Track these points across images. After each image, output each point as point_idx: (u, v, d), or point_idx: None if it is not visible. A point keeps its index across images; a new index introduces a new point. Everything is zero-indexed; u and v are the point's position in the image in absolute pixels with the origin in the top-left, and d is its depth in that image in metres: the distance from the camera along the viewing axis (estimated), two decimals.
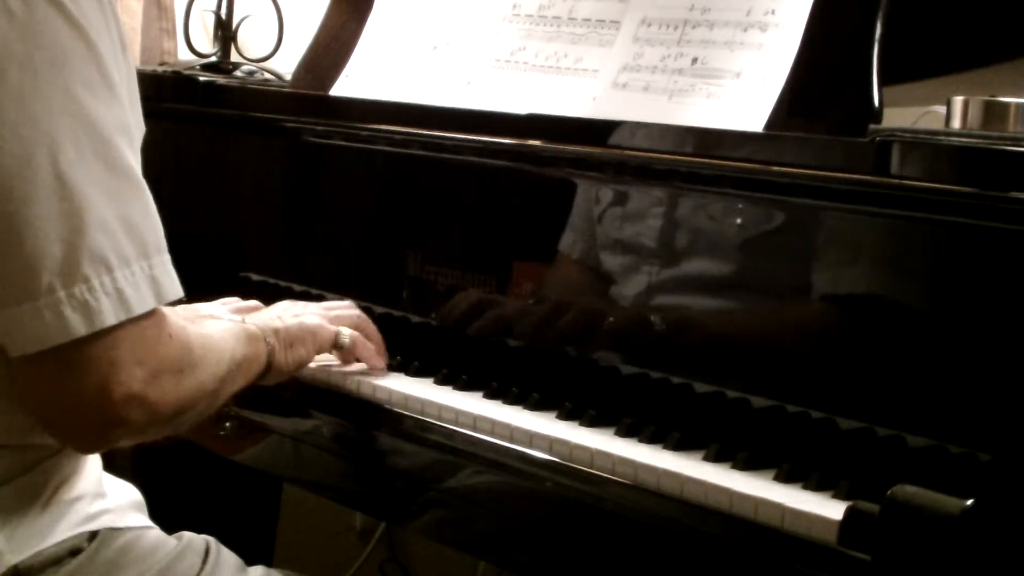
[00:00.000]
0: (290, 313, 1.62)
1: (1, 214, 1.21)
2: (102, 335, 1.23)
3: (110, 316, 1.23)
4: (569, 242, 1.61)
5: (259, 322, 1.54)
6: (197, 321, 1.48)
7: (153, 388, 1.27)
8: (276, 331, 1.54)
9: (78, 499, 1.39)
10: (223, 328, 1.47)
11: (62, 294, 1.22)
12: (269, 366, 1.52)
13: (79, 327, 1.22)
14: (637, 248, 1.53)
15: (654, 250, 1.51)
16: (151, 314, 1.27)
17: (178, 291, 1.30)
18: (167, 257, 1.30)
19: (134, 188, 1.27)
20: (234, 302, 1.69)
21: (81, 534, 1.38)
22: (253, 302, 1.70)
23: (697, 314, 1.48)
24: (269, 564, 1.62)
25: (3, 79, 1.21)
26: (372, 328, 1.68)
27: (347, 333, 1.64)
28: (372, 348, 1.66)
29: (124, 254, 1.25)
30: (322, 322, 1.62)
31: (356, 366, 1.68)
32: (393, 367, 1.68)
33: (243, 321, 1.52)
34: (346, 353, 1.65)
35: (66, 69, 1.23)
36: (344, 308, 1.68)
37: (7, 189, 1.21)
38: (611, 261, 1.56)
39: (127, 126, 1.28)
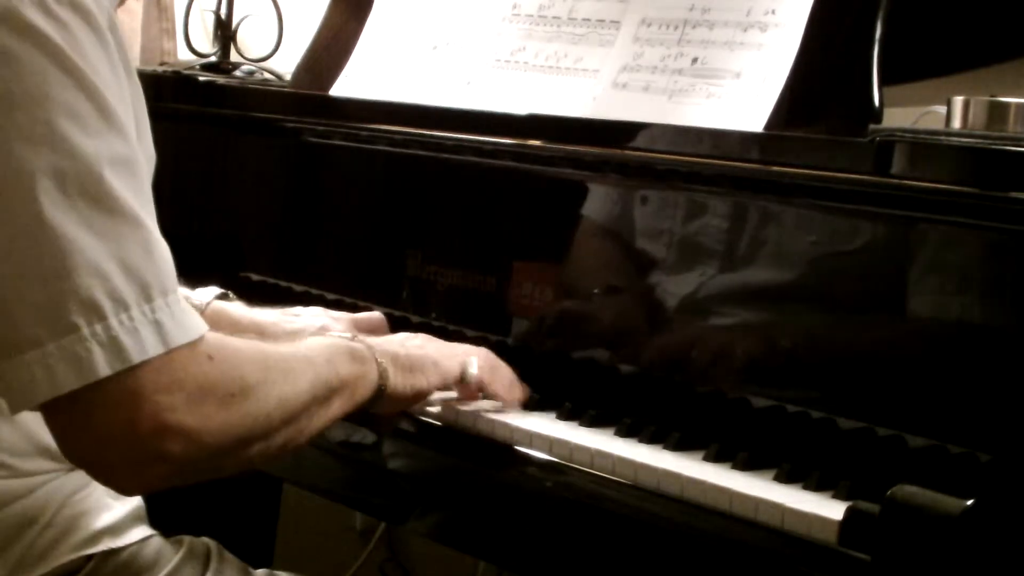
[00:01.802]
0: (413, 343, 1.50)
1: None
2: (126, 372, 1.14)
3: (103, 367, 1.13)
4: (569, 242, 1.61)
5: (374, 343, 1.41)
6: (287, 337, 1.38)
7: (192, 416, 1.16)
8: (393, 354, 1.42)
9: (80, 516, 1.37)
10: (318, 345, 1.35)
11: (51, 346, 1.12)
12: (381, 390, 1.39)
13: (69, 381, 1.12)
14: (637, 248, 1.53)
15: (654, 250, 1.51)
16: None
17: (188, 334, 1.17)
18: (175, 297, 1.18)
19: (131, 226, 1.16)
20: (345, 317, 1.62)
21: (79, 557, 1.36)
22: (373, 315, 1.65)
23: (696, 314, 1.48)
24: (269, 564, 1.62)
25: None
26: (501, 363, 1.54)
27: (475, 363, 1.50)
28: (504, 381, 1.53)
29: (121, 298, 1.14)
30: (449, 354, 1.50)
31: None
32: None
33: (352, 338, 1.40)
34: (467, 387, 1.52)
35: (51, 103, 1.13)
36: (468, 350, 1.54)
37: None
38: (612, 261, 1.56)
39: (125, 158, 1.18)
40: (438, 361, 1.48)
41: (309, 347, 1.34)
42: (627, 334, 1.53)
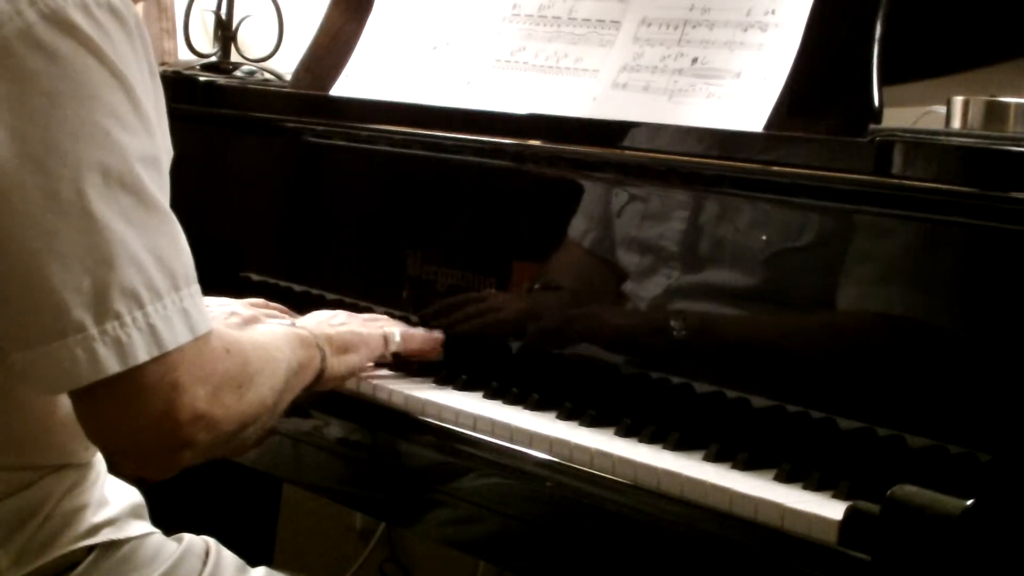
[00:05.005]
0: (337, 321, 1.60)
1: (28, 251, 1.18)
2: (162, 359, 1.21)
3: (142, 352, 1.20)
4: (569, 242, 1.61)
5: (310, 326, 1.52)
6: (248, 327, 1.46)
7: (216, 406, 1.25)
8: (328, 337, 1.52)
9: (80, 509, 1.38)
10: (277, 335, 1.44)
11: (94, 331, 1.19)
12: (321, 373, 1.49)
13: (112, 365, 1.19)
14: (637, 248, 1.53)
15: (654, 251, 1.51)
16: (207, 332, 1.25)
17: (208, 323, 1.26)
18: (196, 288, 1.26)
19: (162, 219, 1.24)
20: (253, 304, 1.67)
21: (81, 548, 1.37)
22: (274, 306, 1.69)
23: (696, 314, 1.48)
24: (269, 564, 1.62)
25: (31, 113, 1.19)
26: (413, 328, 1.67)
27: (397, 332, 1.62)
28: (421, 334, 1.65)
29: (155, 287, 1.21)
30: (372, 329, 1.60)
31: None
32: (394, 367, 1.68)
33: (293, 325, 1.50)
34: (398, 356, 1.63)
35: (94, 101, 1.20)
36: (385, 319, 1.66)
37: (34, 224, 1.18)
38: (612, 261, 1.56)
39: (155, 156, 1.26)
40: (365, 338, 1.58)
41: (274, 335, 1.43)
42: (627, 333, 1.53)
